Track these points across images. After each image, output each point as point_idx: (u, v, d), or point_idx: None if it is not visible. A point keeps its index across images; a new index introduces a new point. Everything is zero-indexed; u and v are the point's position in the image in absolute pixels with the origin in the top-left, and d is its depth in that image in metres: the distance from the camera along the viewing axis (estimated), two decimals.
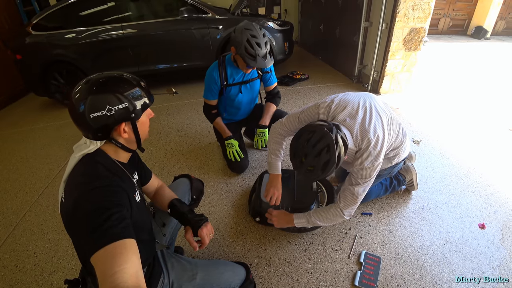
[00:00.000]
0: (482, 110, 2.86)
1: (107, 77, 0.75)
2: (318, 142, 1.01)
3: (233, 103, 1.92)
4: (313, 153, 1.02)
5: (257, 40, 1.61)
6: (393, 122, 1.27)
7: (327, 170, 1.03)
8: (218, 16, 3.51)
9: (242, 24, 1.65)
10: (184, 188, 1.22)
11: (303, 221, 1.33)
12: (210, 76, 1.80)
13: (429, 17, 2.86)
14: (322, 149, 1.00)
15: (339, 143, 1.02)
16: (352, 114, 1.18)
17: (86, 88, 0.72)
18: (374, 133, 1.14)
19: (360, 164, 1.17)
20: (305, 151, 1.04)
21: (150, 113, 0.85)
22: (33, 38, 3.24)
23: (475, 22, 6.79)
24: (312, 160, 1.03)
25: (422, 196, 1.74)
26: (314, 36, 5.01)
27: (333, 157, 1.00)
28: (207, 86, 1.84)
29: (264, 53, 1.64)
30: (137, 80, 0.79)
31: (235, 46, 1.64)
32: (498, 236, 1.47)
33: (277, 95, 2.00)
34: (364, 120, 1.16)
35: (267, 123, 1.92)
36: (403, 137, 1.41)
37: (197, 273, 0.98)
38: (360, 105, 1.20)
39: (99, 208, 0.65)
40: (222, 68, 1.78)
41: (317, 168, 1.03)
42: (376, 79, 3.25)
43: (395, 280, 1.28)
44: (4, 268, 1.49)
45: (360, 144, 1.16)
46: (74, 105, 0.72)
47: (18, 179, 2.25)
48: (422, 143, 2.27)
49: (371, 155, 1.15)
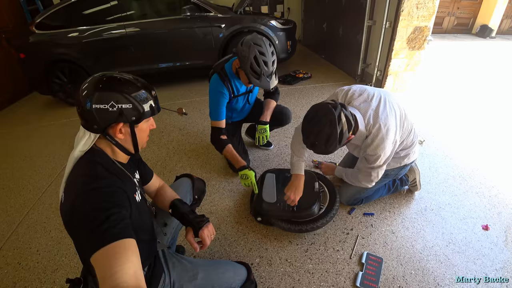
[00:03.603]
0: (486, 110, 2.83)
1: (121, 77, 0.77)
2: (322, 117, 1.09)
3: (238, 109, 1.91)
4: (317, 128, 1.11)
5: (265, 58, 1.50)
6: (406, 118, 1.31)
7: (330, 143, 1.10)
8: (221, 15, 3.50)
9: (250, 37, 1.54)
10: (185, 188, 1.21)
11: (341, 173, 1.59)
12: (218, 93, 1.66)
13: (434, 15, 2.83)
14: (325, 124, 1.08)
15: (341, 120, 1.09)
16: (367, 101, 1.26)
17: (99, 82, 0.74)
18: (386, 120, 1.20)
19: (373, 151, 1.22)
20: (310, 126, 1.13)
21: (152, 124, 0.86)
22: (37, 37, 3.25)
23: (480, 21, 6.72)
24: (316, 134, 1.11)
25: (425, 197, 1.73)
26: (317, 35, 4.99)
27: (335, 132, 1.08)
28: (215, 105, 1.69)
29: (270, 72, 1.53)
30: (149, 88, 0.80)
31: (240, 60, 1.54)
32: (502, 238, 1.45)
33: (276, 91, 1.96)
34: (378, 108, 1.23)
35: (268, 119, 1.88)
36: (414, 137, 1.43)
37: (198, 273, 0.98)
38: (375, 95, 1.27)
39: (98, 208, 0.65)
40: (227, 83, 1.68)
41: (320, 142, 1.11)
42: (380, 78, 3.23)
43: (396, 281, 1.27)
44: (7, 265, 1.51)
45: (371, 128, 1.21)
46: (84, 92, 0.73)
47: (21, 177, 2.27)
48: (426, 143, 2.25)
49: (383, 142, 1.20)
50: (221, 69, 1.70)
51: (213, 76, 1.71)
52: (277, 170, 1.76)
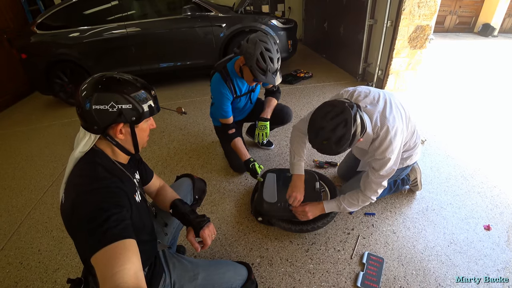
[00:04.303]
0: (488, 110, 2.82)
1: (121, 77, 0.76)
2: (337, 115, 1.02)
3: (240, 109, 1.91)
4: (330, 126, 1.02)
5: (270, 54, 1.53)
6: (410, 120, 1.29)
7: (341, 145, 1.03)
8: (221, 14, 3.50)
9: (256, 35, 1.57)
10: (186, 188, 1.21)
11: (333, 207, 1.37)
12: (220, 93, 1.68)
13: (435, 14, 2.82)
14: (340, 123, 1.01)
15: (357, 120, 1.02)
16: (373, 103, 1.21)
17: (99, 83, 0.74)
18: (393, 122, 1.16)
19: (381, 154, 1.17)
20: (323, 123, 1.04)
21: (152, 124, 0.86)
22: (38, 37, 3.26)
23: (482, 19, 6.68)
24: (328, 132, 1.03)
25: (426, 197, 1.72)
26: (318, 34, 4.98)
27: (349, 133, 1.01)
28: (219, 105, 1.72)
29: (275, 69, 1.56)
30: (148, 88, 0.80)
31: (245, 57, 1.55)
32: (504, 238, 1.45)
33: (277, 90, 1.96)
34: (384, 110, 1.19)
35: (269, 116, 1.87)
36: (417, 139, 1.41)
37: (198, 273, 0.98)
38: (381, 96, 1.23)
39: (98, 209, 0.65)
40: (229, 83, 1.69)
41: (331, 142, 1.03)
42: (381, 78, 3.22)
43: (398, 282, 1.27)
44: (9, 265, 1.51)
45: (378, 131, 1.17)
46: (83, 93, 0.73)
47: (23, 177, 2.28)
48: (427, 143, 2.24)
49: (392, 145, 1.16)
50: (223, 68, 1.71)
51: (215, 76, 1.72)
52: (278, 170, 1.76)
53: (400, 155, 1.23)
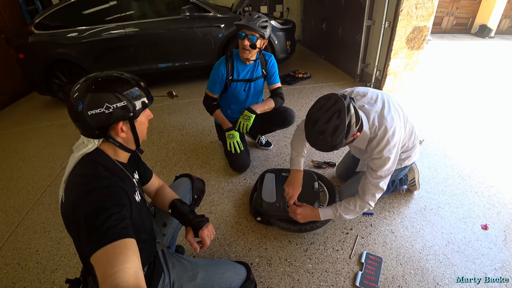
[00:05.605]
0: (485, 110, 2.84)
1: (106, 76, 0.75)
2: (331, 106, 1.03)
3: (238, 100, 1.92)
4: (324, 117, 1.04)
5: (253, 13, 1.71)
6: (407, 120, 1.29)
7: (337, 136, 1.03)
8: (220, 15, 3.50)
9: None
10: (185, 188, 1.21)
11: (329, 215, 1.32)
12: (217, 70, 1.82)
13: (433, 15, 2.84)
14: (334, 114, 1.02)
15: (350, 111, 1.03)
16: (370, 102, 1.22)
17: (85, 86, 0.72)
18: (391, 122, 1.16)
19: (379, 153, 1.17)
20: (318, 114, 1.06)
21: (149, 114, 0.85)
22: (36, 37, 3.25)
23: (479, 21, 6.73)
24: (322, 125, 1.04)
25: (424, 197, 1.73)
26: (316, 35, 4.99)
27: (343, 123, 1.02)
28: (212, 79, 1.85)
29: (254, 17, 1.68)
30: (136, 80, 0.78)
31: None
32: (501, 237, 1.46)
33: (279, 95, 1.95)
34: (383, 110, 1.19)
35: (258, 111, 1.82)
36: (415, 139, 1.42)
37: (197, 273, 0.98)
38: (378, 97, 1.24)
39: (99, 208, 0.65)
40: (229, 63, 1.82)
41: (326, 134, 1.04)
42: (379, 78, 3.23)
43: (396, 281, 1.27)
44: (6, 265, 1.50)
45: (376, 130, 1.17)
46: (72, 103, 0.71)
47: (21, 177, 2.27)
48: (425, 143, 2.25)
49: (389, 144, 1.16)
50: (230, 51, 1.88)
51: (222, 57, 1.86)
52: (277, 170, 1.76)
53: (398, 156, 1.23)
